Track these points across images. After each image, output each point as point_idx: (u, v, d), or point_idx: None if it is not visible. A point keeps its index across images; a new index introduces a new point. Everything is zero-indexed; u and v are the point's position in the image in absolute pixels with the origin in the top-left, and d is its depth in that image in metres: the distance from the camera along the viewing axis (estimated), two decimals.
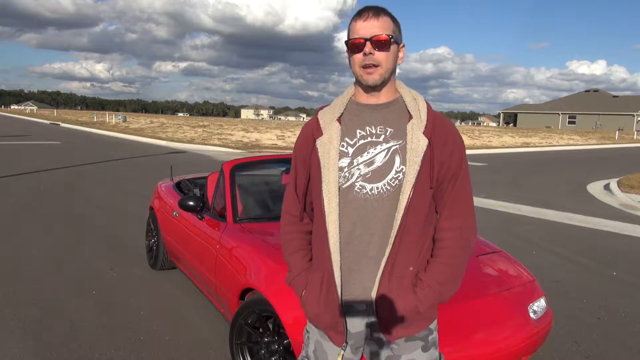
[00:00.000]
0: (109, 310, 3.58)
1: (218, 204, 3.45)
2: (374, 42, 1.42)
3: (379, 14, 1.44)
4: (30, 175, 10.25)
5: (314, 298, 1.53)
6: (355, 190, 1.45)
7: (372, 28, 1.42)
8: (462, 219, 1.51)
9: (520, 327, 2.39)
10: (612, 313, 3.81)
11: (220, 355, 2.97)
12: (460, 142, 1.52)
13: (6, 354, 2.90)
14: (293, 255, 1.62)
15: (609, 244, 6.05)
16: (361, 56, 1.43)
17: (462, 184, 1.51)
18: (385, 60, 1.43)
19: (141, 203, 6.84)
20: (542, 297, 2.66)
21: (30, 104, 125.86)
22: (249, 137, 24.82)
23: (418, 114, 1.47)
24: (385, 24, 1.43)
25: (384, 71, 1.44)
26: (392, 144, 1.45)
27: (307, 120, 1.84)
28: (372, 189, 1.44)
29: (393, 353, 1.52)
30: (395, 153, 1.45)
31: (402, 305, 1.46)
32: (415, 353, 1.52)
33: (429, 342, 1.55)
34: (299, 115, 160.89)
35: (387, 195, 1.43)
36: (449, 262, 1.49)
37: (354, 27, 1.45)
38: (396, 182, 1.43)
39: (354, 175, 1.45)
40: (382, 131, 1.47)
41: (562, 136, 35.38)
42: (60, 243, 5.29)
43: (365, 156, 1.45)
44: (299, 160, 1.61)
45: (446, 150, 1.47)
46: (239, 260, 2.82)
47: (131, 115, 67.37)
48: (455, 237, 1.50)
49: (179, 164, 12.55)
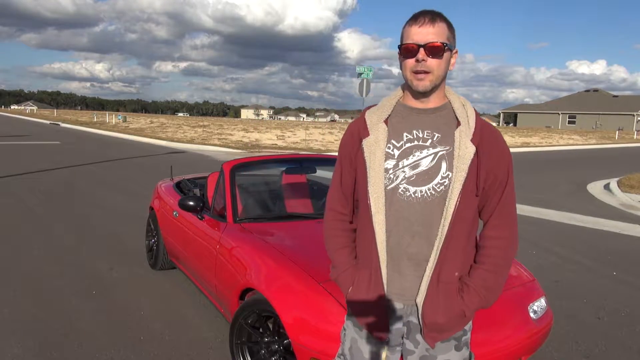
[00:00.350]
0: (109, 310, 3.58)
1: (218, 204, 3.45)
2: (428, 49, 1.41)
3: (435, 20, 1.43)
4: (30, 175, 10.25)
5: (361, 295, 1.54)
6: (399, 192, 1.47)
7: (427, 35, 1.41)
8: (508, 229, 1.53)
9: (520, 326, 2.39)
10: (612, 313, 3.81)
11: (220, 355, 2.97)
12: (507, 152, 1.53)
13: (6, 354, 2.90)
14: (339, 252, 1.63)
15: (609, 243, 6.05)
16: (413, 62, 1.43)
17: (509, 193, 1.52)
18: (437, 68, 1.43)
19: (141, 203, 6.84)
20: (542, 297, 2.66)
21: (30, 104, 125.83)
22: (249, 137, 24.82)
23: (466, 120, 1.47)
24: (440, 31, 1.42)
25: (435, 78, 1.44)
26: (439, 149, 1.46)
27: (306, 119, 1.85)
28: (415, 192, 1.46)
29: (428, 353, 1.55)
30: (442, 159, 1.45)
31: (449, 311, 1.50)
32: (450, 353, 1.56)
33: (461, 342, 1.58)
34: (299, 115, 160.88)
35: (432, 199, 1.45)
36: (493, 269, 1.51)
37: (409, 32, 1.44)
38: (442, 188, 1.44)
39: (399, 177, 1.47)
40: (429, 136, 1.47)
41: (562, 136, 35.38)
42: (60, 243, 5.29)
43: (410, 159, 1.46)
44: (344, 159, 1.61)
45: (493, 159, 1.48)
46: (239, 260, 2.82)
47: (131, 115, 67.38)
48: (500, 246, 1.52)
49: (178, 164, 12.55)
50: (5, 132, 25.67)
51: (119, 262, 4.68)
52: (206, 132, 27.42)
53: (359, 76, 18.84)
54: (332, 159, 4.54)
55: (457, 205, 1.43)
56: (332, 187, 1.67)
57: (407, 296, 1.52)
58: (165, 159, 14.15)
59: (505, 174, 1.51)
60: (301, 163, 4.02)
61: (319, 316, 2.20)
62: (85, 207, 7.25)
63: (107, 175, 10.69)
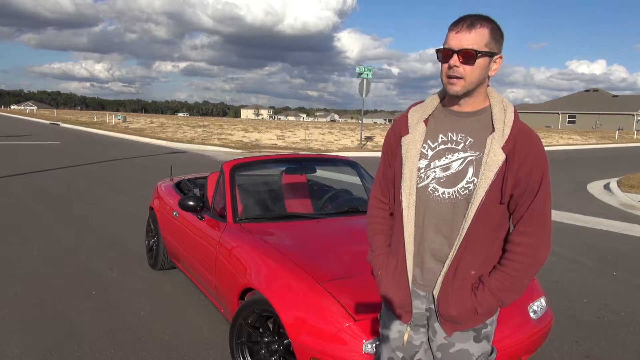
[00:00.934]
0: (109, 310, 3.58)
1: (218, 204, 3.45)
2: (461, 55, 1.43)
3: (473, 26, 1.44)
4: (30, 175, 10.25)
5: (388, 279, 1.66)
6: (428, 190, 1.53)
7: (461, 41, 1.43)
8: (535, 236, 1.51)
9: (520, 326, 2.39)
10: (612, 313, 3.82)
11: (220, 355, 2.97)
12: (543, 160, 1.50)
13: (6, 354, 2.90)
14: (376, 237, 1.74)
15: (609, 243, 6.05)
16: (447, 66, 1.46)
17: (540, 201, 1.50)
18: (470, 74, 1.45)
19: (141, 203, 6.84)
20: (542, 297, 2.66)
21: (30, 104, 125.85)
22: (249, 137, 24.82)
23: (502, 126, 1.47)
24: (478, 37, 1.43)
25: (467, 84, 1.46)
26: (469, 154, 1.50)
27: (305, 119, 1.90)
28: (444, 192, 1.52)
29: (447, 341, 1.62)
30: (470, 164, 1.49)
31: (461, 305, 1.55)
32: (468, 344, 1.62)
33: (481, 335, 1.63)
34: (298, 115, 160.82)
35: (457, 201, 1.51)
36: (511, 273, 1.52)
37: (448, 37, 1.47)
38: (466, 192, 1.49)
39: (430, 177, 1.53)
40: (462, 139, 1.51)
41: (562, 136, 35.38)
42: (60, 243, 5.29)
43: (442, 161, 1.52)
44: (387, 152, 1.70)
45: (525, 168, 1.47)
46: (239, 260, 2.82)
47: (131, 115, 67.38)
48: (523, 252, 1.52)
49: (178, 164, 12.55)
50: (5, 132, 25.66)
51: (118, 262, 4.68)
52: (206, 132, 27.42)
53: (359, 76, 18.85)
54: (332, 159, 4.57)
55: (478, 210, 1.46)
56: (376, 176, 1.77)
57: (428, 287, 1.61)
58: (165, 159, 14.15)
59: (537, 181, 1.49)
60: (301, 163, 4.02)
61: (319, 316, 2.20)
62: (85, 207, 7.25)
63: (107, 175, 10.69)
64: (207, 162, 14.23)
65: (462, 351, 1.61)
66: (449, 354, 1.62)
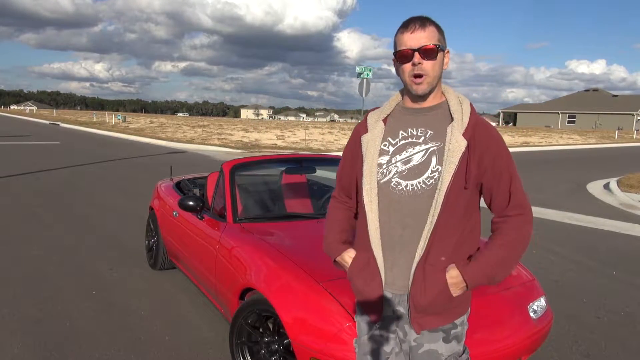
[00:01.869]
0: (109, 310, 3.58)
1: (218, 204, 3.45)
2: (422, 52, 1.50)
3: (425, 25, 1.52)
4: (30, 175, 10.25)
5: (358, 277, 1.67)
6: (391, 185, 1.57)
7: (419, 39, 1.50)
8: (520, 216, 1.57)
9: (520, 326, 2.39)
10: (612, 312, 3.82)
11: (220, 355, 2.97)
12: (504, 147, 1.58)
13: (6, 354, 2.90)
14: (329, 225, 1.80)
15: (609, 243, 6.05)
16: (410, 66, 1.52)
17: (515, 186, 1.57)
18: (432, 69, 1.52)
19: (141, 203, 6.84)
20: (542, 297, 2.66)
21: (29, 104, 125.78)
22: (249, 137, 24.82)
23: (460, 117, 1.55)
24: (431, 34, 1.51)
25: (432, 79, 1.53)
26: (431, 145, 1.55)
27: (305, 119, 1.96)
28: (407, 185, 1.55)
29: (416, 343, 1.62)
30: (433, 154, 1.53)
31: (433, 290, 1.55)
32: (437, 344, 1.62)
33: (450, 335, 1.63)
34: (298, 115, 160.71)
35: (422, 192, 1.53)
36: (505, 243, 1.55)
37: (401, 39, 1.53)
38: (431, 182, 1.52)
39: (391, 172, 1.57)
40: (422, 133, 1.57)
41: (562, 135, 35.39)
42: (60, 243, 5.29)
43: (403, 155, 1.57)
44: (347, 154, 1.75)
45: (488, 157, 1.53)
46: (239, 260, 2.82)
47: (131, 115, 67.33)
48: (510, 228, 1.56)
49: (178, 164, 12.55)
50: (5, 132, 25.66)
51: (118, 262, 4.68)
52: (206, 132, 27.42)
53: (358, 76, 18.83)
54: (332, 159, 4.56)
55: (446, 197, 1.49)
56: (337, 180, 1.82)
57: (397, 285, 1.61)
58: (165, 159, 14.15)
59: (505, 168, 1.56)
60: (301, 163, 4.02)
61: (319, 316, 2.20)
62: (85, 207, 7.25)
63: (107, 175, 10.69)
64: (207, 162, 14.23)
65: (431, 351, 1.62)
66: (417, 354, 1.63)
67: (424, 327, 1.59)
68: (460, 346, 1.68)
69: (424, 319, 1.59)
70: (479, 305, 2.43)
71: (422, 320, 1.59)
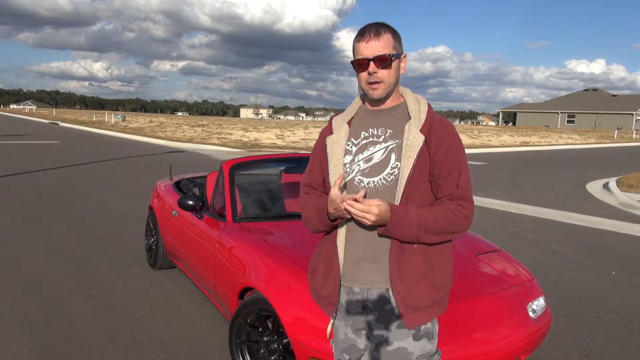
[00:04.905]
0: (109, 309, 3.59)
1: (217, 204, 3.45)
2: (377, 62, 1.55)
3: (379, 34, 1.56)
4: (30, 175, 10.24)
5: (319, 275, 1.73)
6: (354, 183, 1.62)
7: (374, 48, 1.55)
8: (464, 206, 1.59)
9: (520, 326, 2.39)
10: (612, 312, 3.82)
11: (220, 354, 2.98)
12: (457, 140, 1.63)
13: (6, 354, 2.90)
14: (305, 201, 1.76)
15: (608, 242, 6.06)
16: (366, 74, 1.58)
17: (463, 178, 1.60)
18: (388, 77, 1.58)
19: (140, 202, 6.84)
20: (541, 296, 2.67)
21: (29, 103, 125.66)
22: (248, 136, 24.82)
23: (418, 115, 1.61)
24: (385, 42, 1.55)
25: (387, 86, 1.59)
26: (390, 143, 1.61)
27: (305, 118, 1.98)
28: (369, 182, 1.60)
29: (384, 338, 1.65)
30: (392, 151, 1.60)
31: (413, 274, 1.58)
32: (406, 341, 1.63)
33: (420, 332, 1.64)
34: (298, 115, 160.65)
35: (383, 188, 1.58)
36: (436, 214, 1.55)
37: (358, 48, 1.58)
38: (392, 177, 1.58)
39: (354, 170, 1.62)
40: (382, 132, 1.63)
41: (561, 135, 35.41)
42: (60, 243, 5.29)
43: (365, 154, 1.63)
44: (314, 157, 1.79)
45: (441, 151, 1.57)
46: (238, 259, 2.82)
47: (130, 114, 67.31)
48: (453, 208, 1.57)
49: (178, 163, 12.55)
50: (4, 131, 25.64)
51: (118, 261, 4.68)
52: (205, 131, 27.42)
53: None
54: None
55: (406, 191, 1.55)
56: (303, 180, 1.84)
57: (364, 280, 1.64)
58: (164, 159, 14.14)
59: (457, 163, 1.59)
60: (300, 162, 4.01)
61: (318, 315, 2.20)
62: (85, 206, 7.25)
63: (107, 175, 10.69)
64: (206, 161, 14.23)
65: (401, 349, 1.63)
66: (387, 352, 1.64)
67: (416, 323, 1.61)
68: (432, 345, 1.68)
69: (415, 315, 1.60)
70: (478, 305, 2.43)
71: (413, 316, 1.60)
